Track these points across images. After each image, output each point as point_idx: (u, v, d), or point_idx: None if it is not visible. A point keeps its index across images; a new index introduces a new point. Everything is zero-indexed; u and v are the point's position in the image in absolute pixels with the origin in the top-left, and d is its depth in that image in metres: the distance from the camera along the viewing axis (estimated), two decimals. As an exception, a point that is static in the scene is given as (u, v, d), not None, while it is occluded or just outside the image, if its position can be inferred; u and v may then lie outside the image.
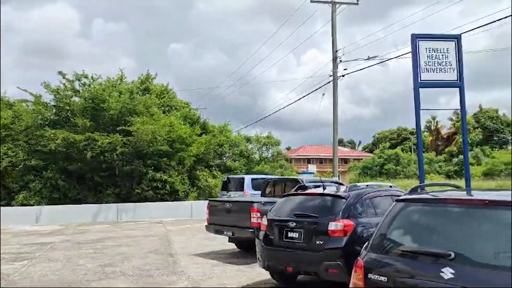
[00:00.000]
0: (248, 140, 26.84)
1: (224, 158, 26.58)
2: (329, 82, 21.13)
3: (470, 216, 2.96)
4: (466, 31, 17.66)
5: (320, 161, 65.75)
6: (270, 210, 6.85)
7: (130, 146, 19.66)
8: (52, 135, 18.34)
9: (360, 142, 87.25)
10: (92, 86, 20.86)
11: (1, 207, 16.91)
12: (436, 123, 62.06)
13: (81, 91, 20.69)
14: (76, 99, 20.53)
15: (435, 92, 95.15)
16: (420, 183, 10.17)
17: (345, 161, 61.70)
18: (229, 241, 10.22)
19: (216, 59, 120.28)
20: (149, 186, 19.96)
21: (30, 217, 17.27)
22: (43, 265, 8.67)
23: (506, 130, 58.76)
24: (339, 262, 5.51)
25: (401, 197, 3.49)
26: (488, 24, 16.37)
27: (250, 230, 8.48)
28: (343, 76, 20.88)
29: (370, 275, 3.07)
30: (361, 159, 58.70)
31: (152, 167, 20.56)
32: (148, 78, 28.72)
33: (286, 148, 74.92)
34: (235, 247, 10.40)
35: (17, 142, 19.74)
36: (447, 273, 2.68)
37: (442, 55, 12.02)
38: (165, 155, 20.76)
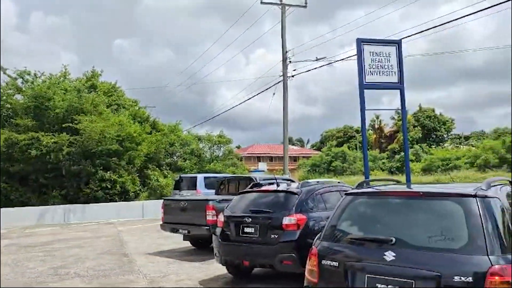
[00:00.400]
0: (199, 139, 26.86)
1: (175, 157, 26.40)
2: (279, 82, 21.68)
3: (408, 206, 3.39)
4: (407, 36, 18.83)
5: (271, 159, 66.81)
6: (226, 207, 7.09)
7: (77, 145, 19.07)
8: (-8, 136, 17.43)
9: (308, 140, 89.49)
10: (35, 83, 19.98)
11: None
12: (380, 122, 65.06)
13: (23, 89, 19.76)
14: (19, 97, 19.59)
15: (378, 92, 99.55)
16: (365, 178, 10.85)
17: (294, 159, 63.16)
18: (184, 239, 10.33)
19: (164, 56, 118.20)
20: (98, 186, 19.46)
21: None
22: (-10, 270, 8.36)
23: (442, 129, 62.86)
24: (293, 254, 5.86)
25: (349, 191, 3.88)
26: (428, 29, 17.60)
27: (206, 227, 8.68)
28: (292, 76, 21.54)
29: (323, 261, 3.42)
30: (310, 156, 60.35)
31: (101, 167, 20.04)
32: (94, 75, 27.85)
33: (237, 147, 75.16)
34: (190, 245, 10.53)
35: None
36: (390, 256, 3.08)
37: (385, 58, 12.79)
38: (115, 155, 20.30)
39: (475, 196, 3.08)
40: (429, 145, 58.97)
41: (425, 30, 22.16)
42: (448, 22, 16.59)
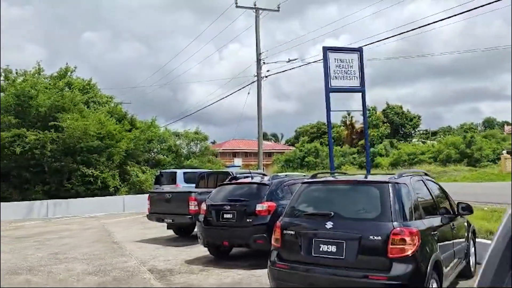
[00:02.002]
0: (176, 135, 27.82)
1: (153, 154, 27.28)
2: (253, 82, 22.91)
3: (345, 190, 4.72)
4: (382, 39, 20.07)
5: (246, 154, 68.00)
6: (208, 197, 8.30)
7: (59, 142, 19.78)
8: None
9: (282, 136, 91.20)
10: (17, 82, 20.52)
11: None
12: (351, 118, 67.33)
13: (5, 86, 20.28)
14: (1, 94, 20.10)
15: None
16: (330, 171, 12.33)
17: (269, 154, 64.62)
18: (167, 228, 11.44)
19: (133, 50, 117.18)
20: (79, 182, 20.23)
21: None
22: (-8, 257, 9.25)
23: (409, 125, 65.66)
24: (265, 235, 7.12)
25: (304, 180, 5.19)
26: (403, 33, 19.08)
27: (189, 216, 9.84)
28: (266, 77, 22.78)
29: (284, 231, 4.69)
30: (284, 152, 61.92)
31: (83, 163, 20.79)
32: (67, 71, 28.09)
33: (212, 142, 76.08)
34: (173, 233, 11.66)
35: None
36: (329, 225, 4.37)
37: (348, 64, 14.20)
38: (95, 151, 21.07)
39: (388, 182, 4.41)
40: (398, 140, 61.64)
41: (397, 35, 23.29)
42: (420, 27, 17.79)
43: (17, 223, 16.18)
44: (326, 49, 14.21)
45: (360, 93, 14.63)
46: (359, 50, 14.73)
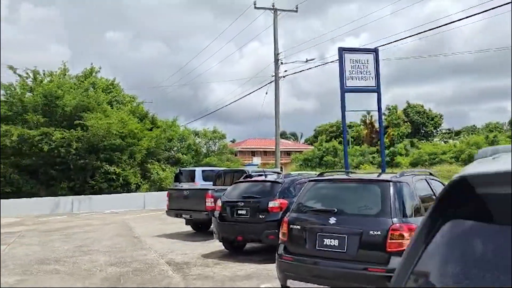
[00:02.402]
0: (196, 134, 28.38)
1: (173, 152, 27.91)
2: (271, 82, 23.21)
3: (348, 188, 5.00)
4: (402, 38, 20.15)
5: (265, 153, 68.25)
6: (223, 195, 8.68)
7: (84, 141, 20.54)
8: (6, 132, 18.80)
9: (302, 135, 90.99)
10: (45, 82, 21.38)
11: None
12: (371, 117, 66.77)
13: (33, 87, 21.17)
14: (29, 94, 20.99)
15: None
16: (345, 170, 12.59)
17: (288, 153, 64.80)
18: (186, 224, 11.88)
19: (155, 49, 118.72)
20: (102, 179, 20.97)
21: (-16, 210, 17.73)
22: (22, 248, 9.88)
23: (431, 124, 64.75)
24: (276, 230, 7.41)
25: (311, 178, 5.48)
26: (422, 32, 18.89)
27: (205, 213, 10.24)
28: (284, 77, 23.05)
29: (291, 226, 5.00)
30: (302, 151, 61.95)
31: (106, 161, 21.53)
32: (92, 72, 29.12)
33: (231, 141, 76.53)
34: (191, 229, 12.10)
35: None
36: (332, 220, 4.66)
37: (363, 65, 14.35)
38: (118, 149, 21.79)
39: (389, 181, 4.67)
40: (419, 139, 60.89)
41: (416, 34, 21.29)
42: (440, 26, 17.32)
43: (44, 218, 16.93)
44: (341, 50, 14.41)
45: (376, 93, 14.74)
46: (375, 51, 14.86)
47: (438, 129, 69.13)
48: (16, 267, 7.76)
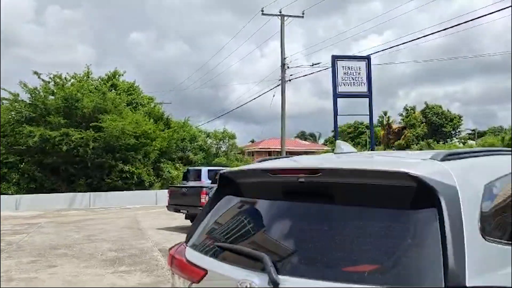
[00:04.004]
0: (207, 135, 29.66)
1: (186, 152, 29.26)
2: (278, 85, 24.22)
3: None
4: (427, 34, 19.83)
5: (281, 153, 69.04)
6: (211, 191, 9.78)
7: (101, 141, 22.02)
8: (29, 132, 20.44)
9: (320, 135, 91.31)
10: (66, 86, 22.99)
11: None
12: (388, 118, 66.77)
13: (55, 91, 22.80)
14: (51, 97, 22.62)
15: (393, 85, 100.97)
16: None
17: (305, 154, 65.55)
18: (185, 219, 13.05)
19: (178, 49, 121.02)
20: (118, 177, 22.43)
21: (10, 204, 19.42)
22: (39, 236, 11.25)
23: (449, 125, 64.28)
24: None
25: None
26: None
27: (200, 208, 11.38)
28: (289, 80, 24.02)
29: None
30: (315, 152, 62.58)
31: (121, 160, 22.99)
32: (115, 75, 31.00)
33: (251, 141, 77.81)
34: (191, 223, 13.24)
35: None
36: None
37: (356, 72, 15.24)
38: (132, 149, 23.22)
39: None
40: (437, 141, 60.56)
41: (442, 30, 19.46)
42: (468, 21, 16.43)
43: (63, 212, 18.46)
44: (334, 58, 15.34)
45: (367, 98, 15.59)
46: (367, 58, 15.73)
47: (458, 130, 68.39)
48: (32, 251, 9.07)
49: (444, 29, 18.25)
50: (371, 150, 15.51)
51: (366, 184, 1.74)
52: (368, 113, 15.33)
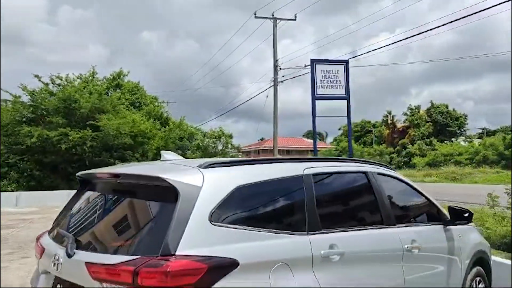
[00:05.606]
0: (204, 135, 30.41)
1: (185, 151, 30.02)
2: (270, 86, 24.81)
3: None
4: (432, 28, 19.76)
5: (287, 152, 69.79)
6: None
7: (98, 140, 22.85)
8: (28, 133, 21.36)
9: (327, 134, 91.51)
10: (65, 87, 23.89)
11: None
12: (392, 117, 66.82)
13: (55, 92, 23.71)
14: (51, 98, 23.53)
15: (406, 84, 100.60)
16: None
17: (307, 153, 65.97)
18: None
19: (188, 47, 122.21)
20: (115, 175, 23.22)
21: (10, 201, 20.34)
22: (26, 230, 12.03)
23: (454, 124, 64.03)
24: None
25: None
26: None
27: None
28: (281, 82, 24.59)
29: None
30: (319, 151, 62.98)
31: (118, 159, 23.78)
32: (120, 75, 32.03)
33: (260, 139, 78.51)
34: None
35: (-3, 137, 22.71)
36: None
37: (334, 75, 15.73)
38: (129, 148, 23.99)
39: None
40: (441, 140, 60.41)
41: (449, 23, 17.60)
42: (476, 12, 15.60)
43: (58, 208, 19.20)
44: (313, 62, 15.85)
45: (346, 101, 16.08)
46: (345, 62, 16.22)
47: (463, 129, 68.00)
48: (14, 243, 9.83)
49: (453, 21, 17.32)
50: (349, 151, 15.99)
51: (143, 184, 2.40)
52: (346, 115, 15.80)
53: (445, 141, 60.33)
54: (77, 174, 3.07)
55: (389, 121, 67.09)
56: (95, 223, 2.55)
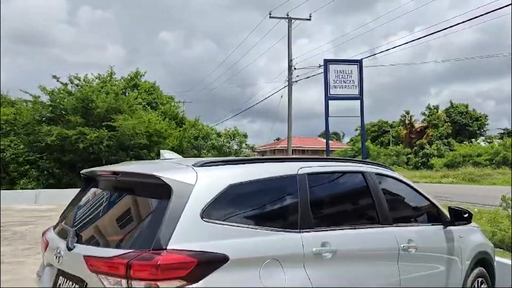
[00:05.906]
0: (219, 135, 30.65)
1: (201, 150, 30.32)
2: (285, 86, 24.84)
3: None
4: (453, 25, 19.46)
5: (302, 152, 69.62)
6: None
7: (114, 139, 23.26)
8: (47, 131, 21.90)
9: (344, 134, 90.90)
10: (83, 87, 24.41)
11: (4, 191, 20.49)
12: (410, 117, 65.91)
13: (73, 92, 24.24)
14: (69, 98, 24.08)
15: (426, 84, 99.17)
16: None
17: (321, 152, 65.68)
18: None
19: (205, 47, 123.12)
20: (131, 173, 23.62)
21: (29, 198, 20.90)
22: (43, 227, 12.35)
23: (474, 124, 62.83)
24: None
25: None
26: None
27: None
28: (296, 81, 24.60)
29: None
30: (334, 151, 62.57)
31: (134, 158, 24.17)
32: (137, 75, 32.56)
33: (276, 139, 78.51)
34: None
35: (18, 136, 23.32)
36: None
37: (347, 75, 15.69)
38: (145, 147, 24.36)
39: None
40: (461, 141, 59.33)
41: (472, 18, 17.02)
42: (495, 9, 14.91)
43: (77, 206, 19.72)
44: (326, 61, 15.85)
45: (359, 101, 16.03)
46: (359, 62, 16.16)
47: (483, 130, 66.61)
48: (31, 239, 10.15)
49: (471, 18, 16.97)
50: (362, 152, 15.90)
51: (139, 181, 2.51)
52: (360, 115, 15.74)
53: (464, 142, 59.25)
54: (81, 172, 3.22)
55: (407, 121, 66.20)
56: (95, 218, 2.69)
